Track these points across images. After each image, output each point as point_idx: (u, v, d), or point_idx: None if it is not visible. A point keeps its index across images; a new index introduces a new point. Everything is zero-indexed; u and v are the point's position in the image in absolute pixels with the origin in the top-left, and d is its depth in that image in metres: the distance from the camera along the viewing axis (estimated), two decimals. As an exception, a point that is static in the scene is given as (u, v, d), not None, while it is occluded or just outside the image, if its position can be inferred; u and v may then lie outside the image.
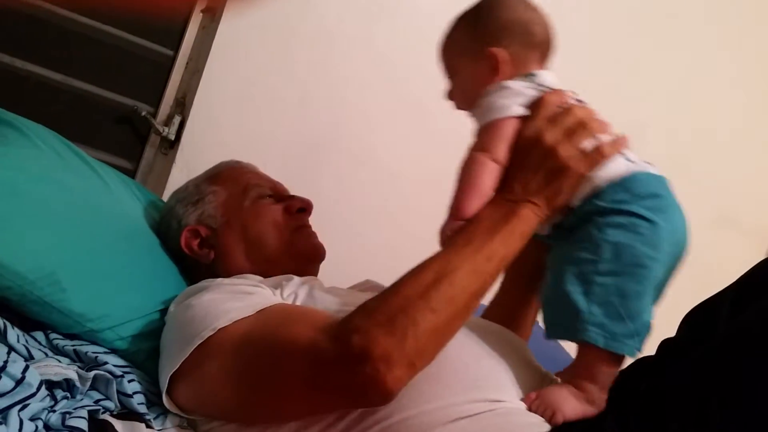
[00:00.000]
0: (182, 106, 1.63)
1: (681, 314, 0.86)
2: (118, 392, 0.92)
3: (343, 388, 0.77)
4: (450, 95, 0.99)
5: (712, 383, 0.67)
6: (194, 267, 1.18)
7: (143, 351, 1.02)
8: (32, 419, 0.78)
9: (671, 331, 0.84)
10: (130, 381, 0.94)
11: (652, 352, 0.85)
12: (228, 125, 1.65)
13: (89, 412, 0.85)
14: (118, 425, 0.87)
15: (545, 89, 0.91)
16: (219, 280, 1.01)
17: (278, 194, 1.22)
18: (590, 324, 0.81)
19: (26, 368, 0.81)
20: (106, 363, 0.94)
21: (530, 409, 0.83)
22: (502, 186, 0.88)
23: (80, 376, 0.89)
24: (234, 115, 1.65)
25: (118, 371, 0.94)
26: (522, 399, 0.85)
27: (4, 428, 0.74)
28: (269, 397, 0.83)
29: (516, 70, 0.92)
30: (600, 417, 0.75)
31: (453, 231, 0.87)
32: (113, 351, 1.01)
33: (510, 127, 0.88)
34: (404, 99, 1.78)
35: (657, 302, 0.87)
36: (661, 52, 2.09)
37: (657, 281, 0.84)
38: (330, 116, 1.74)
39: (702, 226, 2.29)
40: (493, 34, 0.93)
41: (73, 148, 1.24)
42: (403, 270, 0.83)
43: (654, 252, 0.82)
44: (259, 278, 1.04)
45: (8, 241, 0.94)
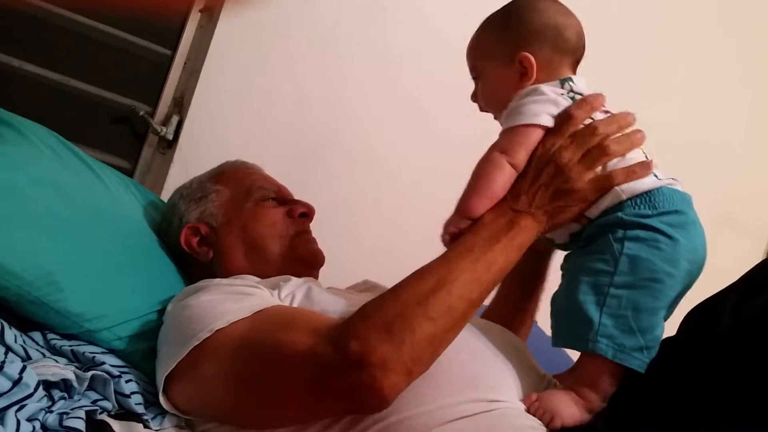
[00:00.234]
0: (180, 106, 1.63)
1: (681, 314, 0.86)
2: (116, 392, 0.91)
3: (340, 394, 0.77)
4: (475, 97, 0.98)
5: (710, 382, 0.67)
6: (192, 265, 1.18)
7: (141, 351, 1.02)
8: (29, 420, 0.78)
9: (671, 331, 0.84)
10: (128, 381, 0.94)
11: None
12: (226, 125, 1.64)
13: (87, 413, 0.85)
14: (116, 425, 0.87)
15: (577, 97, 0.90)
16: (217, 281, 1.01)
17: (281, 197, 1.22)
18: (600, 335, 0.80)
19: (24, 369, 0.80)
20: (104, 363, 0.94)
21: (529, 411, 0.83)
22: (510, 193, 0.87)
23: (78, 377, 0.88)
24: (232, 115, 1.65)
25: (116, 371, 0.94)
26: (521, 400, 0.84)
27: (2, 429, 0.74)
28: (266, 401, 0.83)
29: (546, 76, 0.91)
30: (593, 423, 0.76)
31: (458, 229, 0.86)
32: (111, 351, 1.00)
33: (534, 136, 0.87)
34: (402, 99, 1.78)
35: (669, 315, 0.86)
36: (663, 53, 2.09)
37: (672, 297, 0.83)
38: (328, 116, 1.74)
39: (703, 227, 2.29)
40: (525, 38, 0.91)
41: (72, 148, 1.24)
42: (401, 270, 0.83)
43: (672, 268, 0.82)
44: (257, 279, 1.04)
45: (6, 241, 0.94)
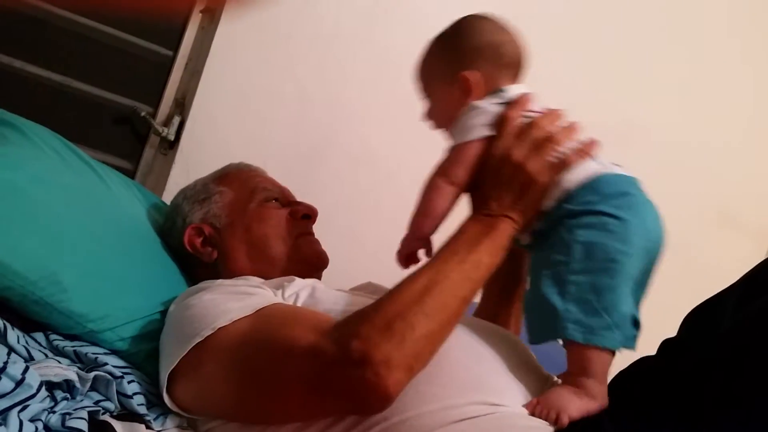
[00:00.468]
0: (182, 107, 1.63)
1: (682, 314, 0.86)
2: (118, 393, 0.91)
3: (343, 392, 0.77)
4: (427, 116, 1.03)
5: (711, 382, 0.67)
6: (196, 266, 1.18)
7: (143, 352, 1.02)
8: (32, 420, 0.78)
9: (672, 331, 0.84)
10: (130, 382, 0.94)
11: (653, 352, 0.85)
12: (227, 126, 1.65)
13: (89, 413, 0.85)
14: (118, 426, 0.87)
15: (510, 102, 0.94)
16: (219, 282, 1.01)
17: (284, 199, 1.23)
18: (568, 321, 0.82)
19: (26, 369, 0.80)
20: (106, 364, 0.94)
21: (533, 415, 0.83)
22: (480, 202, 0.92)
23: (80, 377, 0.88)
24: (233, 116, 1.65)
25: (118, 372, 0.94)
26: (524, 405, 0.84)
27: (4, 429, 0.74)
28: (267, 398, 0.83)
29: (489, 91, 0.95)
30: (597, 416, 0.76)
31: (411, 250, 0.93)
32: (113, 352, 1.01)
33: (472, 151, 0.92)
34: (403, 100, 1.77)
35: (642, 296, 0.89)
36: (663, 52, 2.09)
37: (632, 275, 0.85)
38: (329, 117, 1.74)
39: (703, 226, 2.31)
40: (465, 58, 0.96)
41: (74, 149, 1.24)
42: (403, 270, 0.85)
43: (625, 247, 0.84)
44: (261, 280, 1.04)
45: (9, 242, 0.94)
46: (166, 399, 0.90)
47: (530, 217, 0.90)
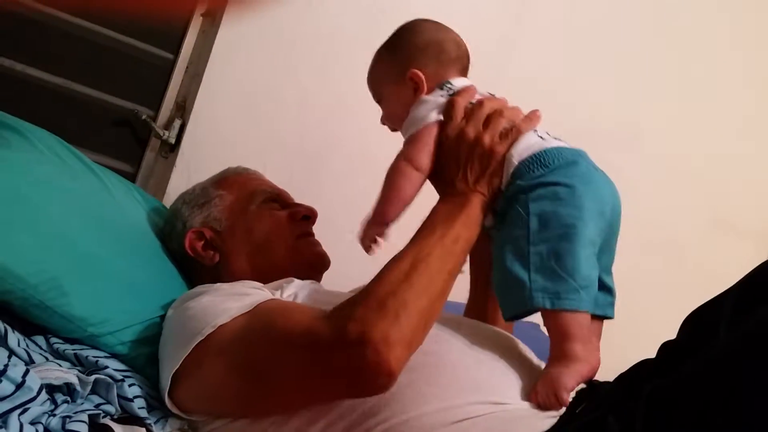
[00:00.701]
0: (182, 110, 1.63)
1: (681, 316, 0.86)
2: (119, 396, 0.92)
3: (347, 374, 0.79)
4: (384, 120, 1.06)
5: (717, 387, 0.67)
6: (197, 269, 1.18)
7: (143, 356, 1.02)
8: (32, 423, 0.78)
9: (672, 334, 0.84)
10: (131, 385, 0.94)
11: (653, 355, 0.85)
12: (228, 129, 1.65)
13: (90, 417, 0.85)
14: (119, 429, 0.87)
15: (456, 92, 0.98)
16: (217, 285, 1.02)
17: (284, 201, 1.24)
18: (535, 291, 0.85)
19: (27, 372, 0.81)
20: (107, 367, 0.94)
21: (537, 404, 0.84)
22: (446, 186, 0.96)
23: (81, 380, 0.89)
24: (234, 119, 1.65)
25: (119, 375, 0.94)
26: (526, 400, 0.85)
27: (5, 432, 0.74)
28: (271, 390, 0.85)
29: (436, 86, 0.99)
30: (600, 417, 0.75)
31: (377, 235, 0.95)
32: (113, 356, 1.01)
33: (429, 135, 0.96)
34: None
35: (610, 262, 0.93)
36: (661, 53, 2.09)
37: (590, 238, 0.88)
38: (329, 120, 1.74)
39: (701, 229, 2.30)
40: (411, 58, 1.00)
41: (75, 152, 1.24)
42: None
43: (578, 212, 0.87)
44: (259, 284, 1.04)
45: (10, 245, 0.94)
46: (168, 402, 0.91)
47: (495, 188, 0.93)
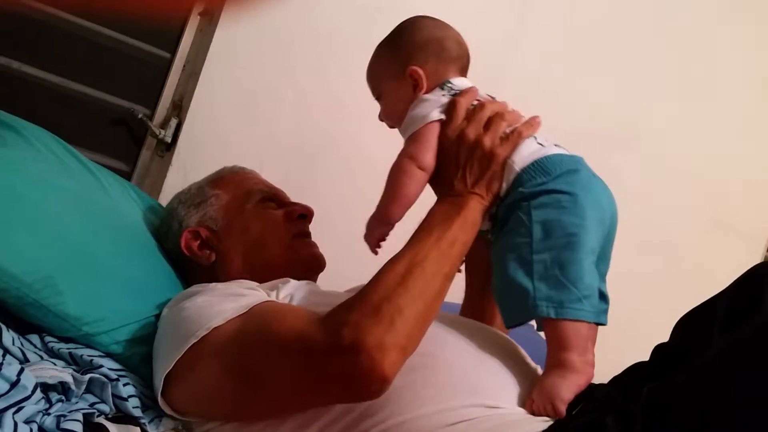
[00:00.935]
0: (179, 109, 1.63)
1: (676, 318, 0.86)
2: (114, 395, 0.91)
3: (340, 380, 0.78)
4: (382, 116, 1.06)
5: (717, 389, 0.67)
6: (193, 269, 1.18)
7: (138, 355, 1.02)
8: (27, 422, 0.78)
9: (664, 336, 0.84)
10: (126, 384, 0.94)
11: (646, 357, 0.85)
12: (225, 128, 1.64)
13: (84, 416, 0.85)
14: (113, 428, 0.87)
15: (458, 93, 0.98)
16: (212, 285, 1.02)
17: (280, 200, 1.23)
18: (539, 300, 0.85)
19: (21, 371, 0.81)
20: (102, 366, 0.94)
21: (533, 413, 0.83)
22: (444, 187, 0.95)
23: (75, 379, 0.88)
24: (231, 118, 1.65)
25: (114, 374, 0.94)
26: (521, 406, 0.85)
27: (-1, 431, 0.74)
28: (264, 391, 0.84)
29: (435, 84, 0.99)
30: (598, 418, 0.76)
31: (382, 236, 0.95)
32: (108, 355, 1.00)
33: (432, 134, 0.96)
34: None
35: (605, 270, 0.93)
36: (660, 54, 2.10)
37: (592, 247, 0.89)
38: (327, 119, 1.74)
39: (699, 230, 2.31)
40: (411, 55, 1.00)
41: (71, 151, 1.24)
42: None
43: (581, 220, 0.88)
44: (255, 283, 1.04)
45: (5, 244, 0.94)
46: (161, 402, 0.90)
47: (494, 192, 0.93)
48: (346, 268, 1.29)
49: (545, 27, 1.96)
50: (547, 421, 0.81)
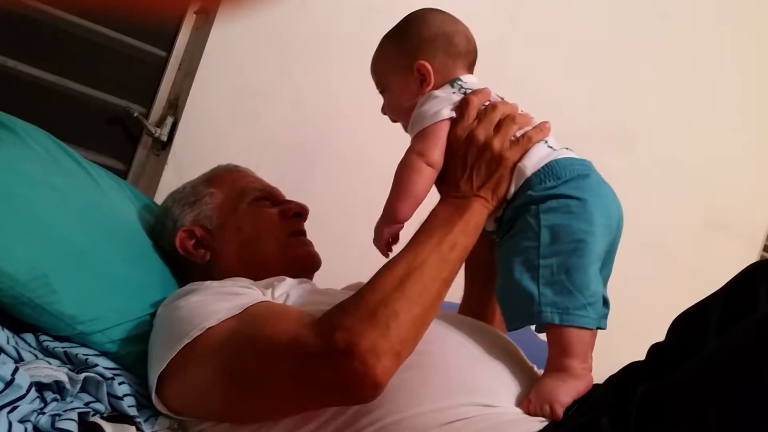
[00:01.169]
0: (175, 108, 1.63)
1: (672, 318, 0.86)
2: (109, 394, 0.91)
3: (333, 384, 0.78)
4: (385, 110, 1.04)
5: (712, 388, 0.67)
6: (188, 268, 1.18)
7: (133, 354, 1.01)
8: (21, 421, 0.78)
9: (659, 336, 0.84)
10: (121, 383, 0.94)
11: (642, 356, 0.85)
12: (220, 127, 1.64)
13: (79, 414, 0.85)
14: (108, 427, 0.87)
15: (469, 91, 0.96)
16: (208, 283, 1.01)
17: (275, 198, 1.23)
18: (543, 305, 0.85)
19: (16, 370, 0.80)
20: (97, 365, 0.94)
21: (529, 413, 0.83)
22: (449, 187, 0.93)
23: (70, 378, 0.88)
24: (227, 117, 1.65)
25: (109, 373, 0.94)
26: (518, 406, 0.85)
27: (-6, 430, 0.74)
28: (256, 395, 0.84)
29: (443, 80, 0.97)
30: (594, 418, 0.76)
31: (391, 235, 0.92)
32: (103, 353, 1.00)
33: (442, 131, 0.94)
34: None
35: (608, 275, 0.93)
36: (655, 55, 2.10)
37: (598, 253, 0.88)
38: (322, 119, 1.74)
39: (693, 230, 2.31)
40: (420, 48, 0.98)
41: (66, 149, 1.23)
42: None
43: (589, 226, 0.87)
44: (250, 281, 1.04)
45: (-1, 242, 0.93)
46: (156, 401, 0.90)
47: (500, 196, 0.92)
48: (342, 267, 1.29)
49: (538, 28, 1.96)
50: (543, 422, 0.82)
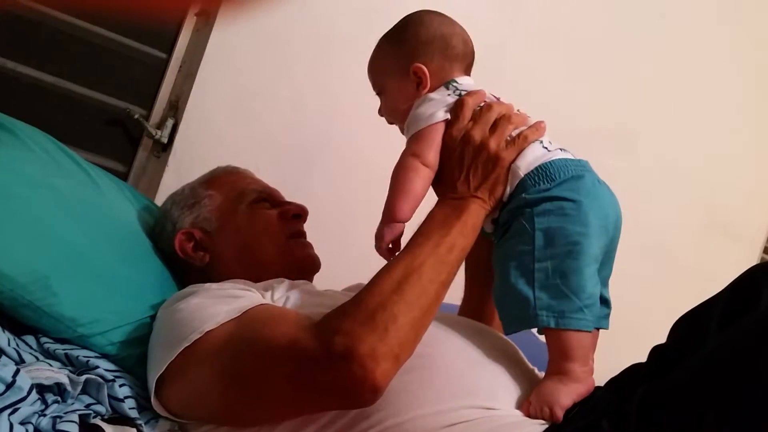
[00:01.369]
0: (175, 110, 1.63)
1: (674, 320, 0.86)
2: (110, 396, 0.91)
3: (332, 388, 0.78)
4: (382, 112, 1.04)
5: (711, 388, 0.68)
6: (187, 270, 1.17)
7: (134, 356, 1.01)
8: (23, 423, 0.78)
9: (664, 338, 0.84)
10: (122, 385, 0.94)
11: (644, 359, 0.85)
12: (221, 128, 1.64)
13: (80, 417, 0.85)
14: (109, 429, 0.87)
15: (464, 93, 0.96)
16: (207, 285, 1.01)
17: (274, 200, 1.22)
18: (539, 309, 0.84)
19: (17, 372, 0.80)
20: (98, 367, 0.94)
21: (529, 416, 0.83)
22: (446, 188, 0.93)
23: (71, 380, 0.88)
24: (227, 119, 1.65)
25: (110, 375, 0.94)
26: (518, 408, 0.85)
27: (-5, 432, 0.74)
28: (255, 398, 0.84)
29: (440, 83, 0.97)
30: (594, 421, 0.76)
31: (392, 237, 0.92)
32: (104, 356, 1.00)
33: (437, 133, 0.94)
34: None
35: (608, 275, 0.92)
36: (655, 55, 2.10)
37: (595, 255, 0.87)
38: (322, 120, 1.74)
39: (693, 230, 2.31)
40: (416, 51, 0.98)
41: (66, 151, 1.23)
42: None
43: (584, 228, 0.86)
44: (249, 282, 1.04)
45: (-1, 244, 0.93)
46: (155, 404, 0.90)
47: (497, 196, 0.91)
48: (342, 269, 1.29)
49: (537, 29, 1.96)
50: (544, 425, 0.81)
